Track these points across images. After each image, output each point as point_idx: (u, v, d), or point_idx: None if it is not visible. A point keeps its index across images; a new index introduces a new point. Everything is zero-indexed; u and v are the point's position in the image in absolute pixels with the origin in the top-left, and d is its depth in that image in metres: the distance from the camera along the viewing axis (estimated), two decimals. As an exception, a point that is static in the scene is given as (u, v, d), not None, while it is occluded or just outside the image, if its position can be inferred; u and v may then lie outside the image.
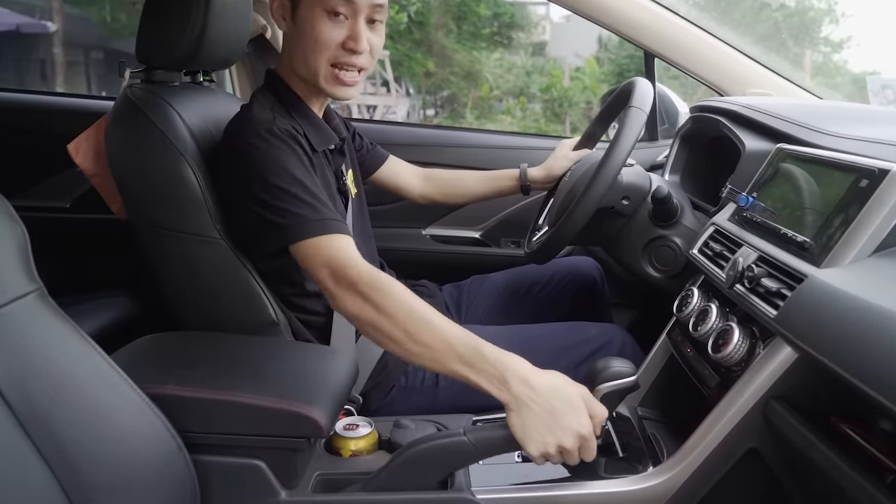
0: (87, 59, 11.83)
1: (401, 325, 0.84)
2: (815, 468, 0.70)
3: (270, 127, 0.99)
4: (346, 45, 1.02)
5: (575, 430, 0.79)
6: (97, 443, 0.73)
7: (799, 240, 0.80)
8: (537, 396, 0.79)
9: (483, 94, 10.78)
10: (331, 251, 0.92)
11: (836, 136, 0.94)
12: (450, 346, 0.82)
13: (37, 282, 0.74)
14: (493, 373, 0.81)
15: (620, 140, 1.05)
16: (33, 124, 1.73)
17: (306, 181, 0.97)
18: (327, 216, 0.95)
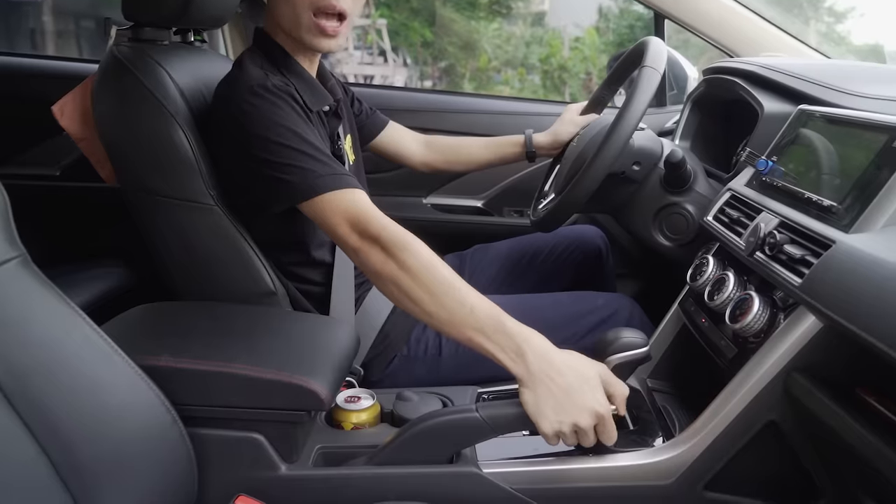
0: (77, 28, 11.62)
1: (423, 284, 0.82)
2: (839, 441, 0.67)
3: (264, 83, 0.94)
4: None
5: (591, 408, 0.76)
6: (87, 416, 0.69)
7: (825, 204, 0.76)
8: (553, 373, 0.77)
9: (481, 64, 10.62)
10: (350, 205, 0.88)
11: (861, 95, 0.89)
12: (470, 312, 0.80)
13: (19, 248, 0.70)
14: (510, 345, 0.79)
15: (633, 101, 1.00)
16: (19, 88, 1.66)
17: (310, 137, 0.93)
18: (339, 171, 0.91)
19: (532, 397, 0.77)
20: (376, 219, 0.87)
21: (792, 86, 1.02)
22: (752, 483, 0.82)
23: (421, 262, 0.83)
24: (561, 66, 9.74)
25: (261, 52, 1.04)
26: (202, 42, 1.26)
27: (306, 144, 0.91)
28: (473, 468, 0.83)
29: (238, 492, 0.81)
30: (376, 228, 0.85)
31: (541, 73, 9.96)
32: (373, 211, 0.88)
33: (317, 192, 0.89)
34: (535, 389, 0.77)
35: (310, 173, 0.90)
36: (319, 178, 0.90)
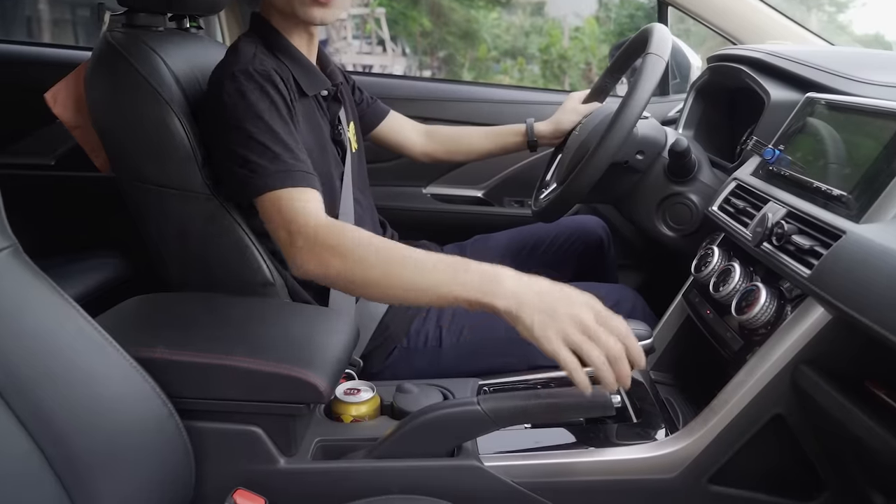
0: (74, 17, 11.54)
1: (375, 268, 0.78)
2: (847, 435, 0.66)
3: (246, 68, 0.93)
4: None
5: (584, 302, 0.71)
6: (80, 408, 0.68)
7: (834, 194, 0.74)
8: (535, 288, 0.72)
9: (480, 54, 10.57)
10: (290, 204, 0.86)
11: (869, 83, 0.88)
12: (433, 269, 0.76)
13: (10, 238, 0.68)
14: (481, 280, 0.73)
15: (637, 89, 0.99)
16: (13, 75, 1.64)
17: (277, 128, 0.90)
18: (292, 167, 0.88)
19: (527, 320, 0.70)
20: (310, 222, 0.83)
21: (799, 73, 1.00)
22: (756, 476, 0.81)
23: (363, 249, 0.79)
24: (561, 55, 9.70)
25: (257, 35, 1.03)
26: (198, 28, 1.24)
27: (271, 137, 0.89)
28: (475, 461, 0.82)
29: (236, 485, 0.80)
30: (309, 231, 0.82)
31: (540, 63, 9.92)
32: (310, 213, 0.85)
33: (262, 190, 0.88)
34: (525, 311, 0.71)
35: (262, 169, 0.88)
36: (269, 175, 0.88)
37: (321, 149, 1.05)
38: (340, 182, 1.09)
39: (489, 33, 10.63)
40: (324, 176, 1.05)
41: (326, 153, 1.06)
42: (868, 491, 0.71)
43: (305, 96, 1.02)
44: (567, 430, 0.89)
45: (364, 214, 1.17)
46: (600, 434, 0.89)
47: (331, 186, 1.07)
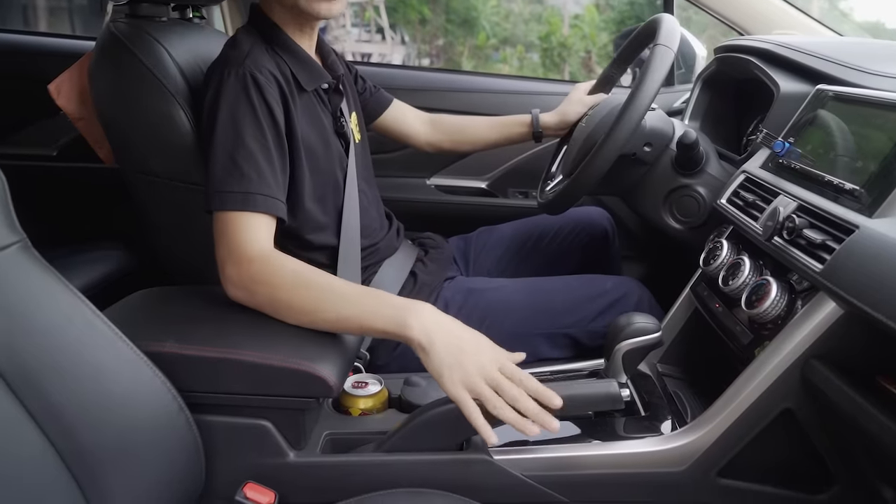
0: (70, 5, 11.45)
1: (296, 307, 0.83)
2: (858, 430, 0.66)
3: (237, 69, 0.91)
4: None
5: (489, 351, 0.76)
6: (92, 404, 0.68)
7: (847, 188, 0.74)
8: (446, 331, 0.78)
9: (479, 42, 10.50)
10: (235, 231, 0.86)
11: (881, 75, 0.87)
12: (356, 303, 0.82)
13: (19, 232, 0.68)
14: (396, 314, 0.79)
15: (646, 80, 0.98)
16: (15, 66, 1.62)
17: (249, 140, 0.89)
18: (254, 189, 0.87)
19: (432, 358, 0.76)
20: (248, 248, 0.85)
21: (809, 65, 0.99)
22: (765, 470, 0.82)
23: (291, 287, 0.83)
24: (561, 43, 9.64)
25: (255, 30, 1.01)
26: (201, 19, 1.23)
27: (242, 151, 0.88)
28: (484, 455, 0.82)
29: (246, 479, 0.80)
30: (242, 263, 0.84)
31: (540, 52, 9.86)
32: (254, 244, 0.86)
33: (214, 207, 0.88)
34: (432, 350, 0.76)
35: (221, 186, 0.87)
36: (226, 195, 0.87)
37: (324, 143, 1.04)
38: (344, 175, 1.09)
39: (488, 21, 10.56)
40: (328, 171, 1.05)
41: (330, 147, 1.05)
42: (878, 485, 0.72)
43: (305, 91, 1.01)
44: (575, 424, 0.89)
45: (370, 206, 1.16)
46: (609, 427, 0.89)
47: (335, 180, 1.06)
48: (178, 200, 1.02)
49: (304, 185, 0.99)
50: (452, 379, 0.75)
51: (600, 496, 0.84)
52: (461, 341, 0.77)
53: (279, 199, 0.91)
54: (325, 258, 1.08)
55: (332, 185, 1.06)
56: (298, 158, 0.97)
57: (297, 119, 0.97)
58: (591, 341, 1.12)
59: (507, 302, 1.14)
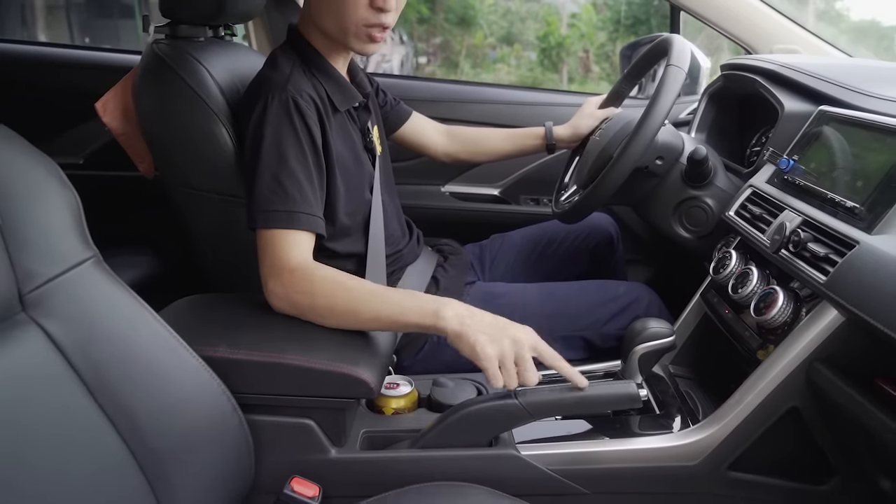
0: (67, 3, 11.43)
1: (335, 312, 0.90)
2: (858, 427, 0.72)
3: (280, 94, 0.97)
4: (374, 3, 0.98)
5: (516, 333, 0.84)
6: (159, 406, 0.74)
7: (848, 205, 0.81)
8: (477, 316, 0.86)
9: (477, 41, 10.54)
10: (277, 246, 0.93)
11: (881, 98, 0.93)
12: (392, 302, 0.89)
13: (92, 248, 0.74)
14: (430, 309, 0.86)
15: (660, 100, 1.04)
16: (43, 78, 1.68)
17: (293, 162, 0.95)
18: (297, 208, 0.94)
19: (467, 339, 0.83)
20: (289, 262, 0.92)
21: (812, 86, 1.06)
22: (772, 463, 0.89)
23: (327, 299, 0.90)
24: (559, 43, 9.69)
25: (294, 51, 1.06)
26: (231, 36, 1.29)
27: (285, 171, 0.94)
28: (512, 451, 0.89)
29: (292, 474, 0.87)
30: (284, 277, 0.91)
31: (538, 51, 9.91)
32: (296, 257, 0.92)
33: (257, 225, 0.94)
34: (464, 334, 0.83)
35: (266, 204, 0.93)
36: (269, 213, 0.93)
37: (356, 159, 1.09)
38: (371, 187, 1.14)
39: (486, 19, 10.60)
40: (358, 185, 1.10)
41: (360, 162, 1.10)
42: (877, 476, 0.78)
43: (339, 111, 1.06)
44: (595, 422, 0.96)
45: (392, 215, 1.22)
46: (626, 425, 0.96)
47: (362, 193, 1.11)
48: (218, 212, 1.07)
49: (338, 199, 1.04)
50: (485, 349, 0.82)
51: (618, 488, 0.91)
52: (496, 321, 0.85)
53: (319, 217, 0.97)
54: (353, 266, 1.14)
55: (361, 197, 1.12)
56: (333, 175, 1.03)
57: (333, 138, 1.02)
58: (604, 343, 1.18)
59: (525, 306, 1.20)
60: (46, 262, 0.68)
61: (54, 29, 10.58)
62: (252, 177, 0.95)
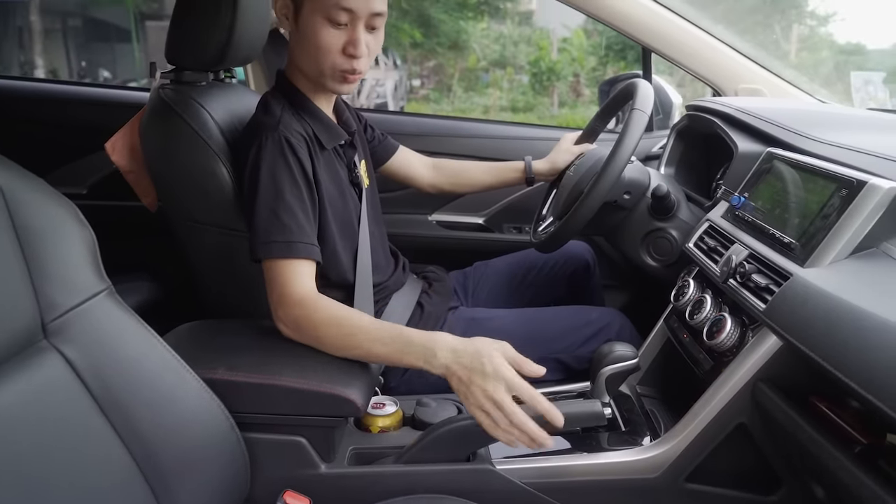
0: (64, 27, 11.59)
1: (336, 344, 0.98)
2: (795, 442, 0.81)
3: (272, 134, 1.05)
4: (346, 50, 1.06)
5: (492, 374, 0.87)
6: (166, 425, 0.82)
7: (785, 240, 0.90)
8: (461, 360, 0.90)
9: (470, 64, 10.74)
10: (282, 274, 1.01)
11: (821, 142, 1.03)
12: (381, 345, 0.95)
13: (106, 281, 0.82)
14: (420, 353, 0.92)
15: (625, 140, 1.14)
16: (50, 113, 1.77)
17: (289, 196, 1.03)
18: (295, 238, 1.02)
19: (454, 386, 0.90)
20: (294, 290, 0.99)
21: (762, 129, 1.16)
22: (725, 475, 0.97)
23: (329, 331, 0.98)
24: (549, 68, 9.89)
25: (282, 95, 1.15)
26: (231, 78, 1.38)
27: (283, 206, 1.02)
28: (488, 465, 0.97)
29: (284, 487, 0.94)
30: (291, 304, 0.99)
31: (529, 76, 10.10)
32: (300, 288, 1.00)
33: (261, 256, 1.02)
34: (452, 378, 0.89)
35: (266, 236, 1.01)
36: (271, 244, 1.01)
37: (341, 194, 1.17)
38: (358, 219, 1.22)
39: (478, 43, 10.81)
40: (345, 218, 1.18)
41: (346, 197, 1.18)
42: (814, 487, 0.87)
43: (325, 149, 1.14)
44: (566, 438, 1.04)
45: (377, 246, 1.29)
46: (595, 441, 1.04)
47: (350, 226, 1.19)
48: (217, 243, 1.15)
49: (327, 231, 1.12)
50: (468, 405, 0.89)
51: (588, 500, 0.99)
52: (473, 364, 0.88)
53: (316, 245, 1.05)
54: (342, 294, 1.21)
55: (348, 229, 1.20)
56: (323, 208, 1.11)
57: (321, 174, 1.11)
58: (579, 365, 1.26)
59: (503, 330, 1.28)
60: (67, 293, 0.76)
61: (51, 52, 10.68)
62: (251, 212, 1.03)
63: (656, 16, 1.58)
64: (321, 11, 1.04)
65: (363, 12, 1.04)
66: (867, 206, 0.80)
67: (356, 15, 1.04)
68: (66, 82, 2.67)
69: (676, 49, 1.60)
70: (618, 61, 9.56)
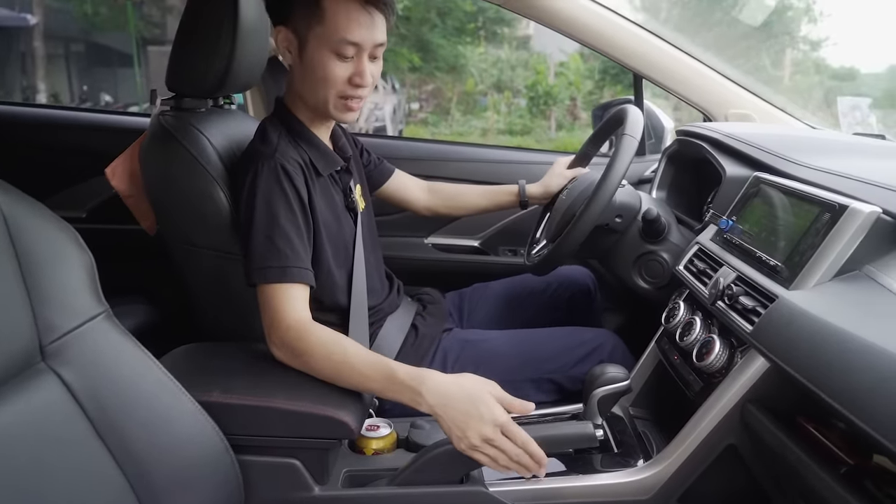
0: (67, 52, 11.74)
1: (324, 373, 0.99)
2: (783, 463, 0.82)
3: (269, 162, 1.07)
4: (352, 80, 1.10)
5: (489, 419, 0.89)
6: (160, 446, 0.82)
7: (772, 263, 0.91)
8: (450, 402, 0.91)
9: (468, 88, 10.86)
10: (276, 299, 1.02)
11: (806, 166, 1.05)
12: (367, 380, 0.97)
13: (104, 304, 0.83)
14: (408, 391, 0.93)
15: (615, 165, 1.16)
16: (51, 138, 1.80)
17: (284, 222, 1.05)
18: (290, 263, 1.04)
19: (445, 424, 0.90)
20: (289, 324, 1.01)
21: (750, 154, 1.18)
22: (716, 496, 0.97)
23: (320, 360, 0.99)
24: (546, 92, 10.01)
25: (280, 122, 1.17)
26: (230, 104, 1.41)
27: (278, 232, 1.04)
28: (481, 487, 0.97)
29: (278, 510, 0.94)
30: (283, 332, 1.00)
31: (527, 100, 10.21)
32: (292, 313, 1.01)
33: (255, 281, 1.03)
34: (443, 420, 0.91)
35: (261, 261, 1.03)
36: (266, 269, 1.03)
37: (337, 219, 1.19)
38: (353, 244, 1.23)
39: (476, 67, 10.95)
40: (340, 242, 1.20)
41: (341, 221, 1.20)
42: None
43: (320, 176, 1.16)
44: (559, 460, 1.04)
45: (373, 270, 1.31)
46: (587, 462, 1.04)
47: (346, 250, 1.21)
48: (214, 267, 1.17)
49: (323, 255, 1.14)
50: (461, 445, 0.90)
51: (580, 522, 0.99)
52: (466, 408, 0.90)
53: (310, 270, 1.07)
54: (337, 318, 1.22)
55: (343, 254, 1.21)
56: (319, 233, 1.13)
57: (317, 200, 1.13)
58: (573, 386, 1.27)
59: (497, 352, 1.30)
60: (65, 316, 0.77)
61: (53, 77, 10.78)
62: (247, 238, 1.05)
63: (647, 44, 1.61)
64: (328, 46, 1.07)
65: (368, 44, 1.08)
66: (849, 229, 0.82)
67: (361, 47, 1.08)
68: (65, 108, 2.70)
69: (667, 76, 1.63)
70: (614, 85, 9.67)
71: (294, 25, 1.09)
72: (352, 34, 1.06)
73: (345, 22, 1.06)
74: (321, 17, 1.06)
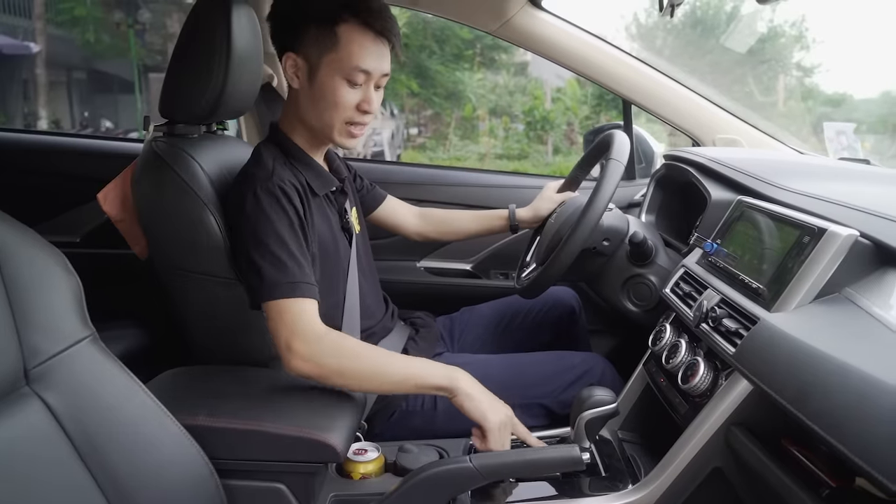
0: (69, 79, 11.90)
1: (359, 379, 1.04)
2: (766, 484, 0.81)
3: (267, 184, 1.09)
4: (360, 107, 1.14)
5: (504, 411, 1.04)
6: (143, 470, 0.82)
7: (754, 286, 0.92)
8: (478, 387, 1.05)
9: (466, 113, 10.98)
10: (292, 313, 1.03)
11: (788, 190, 1.07)
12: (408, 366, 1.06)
13: (90, 328, 0.84)
14: (445, 371, 1.04)
15: (602, 189, 1.18)
16: (46, 164, 1.82)
17: (289, 242, 1.06)
18: (298, 279, 1.05)
19: (473, 405, 1.02)
20: (310, 326, 1.03)
21: (734, 178, 1.20)
22: (704, 520, 0.97)
23: (364, 359, 1.04)
24: (543, 117, 10.11)
25: (275, 146, 1.19)
26: (223, 130, 1.43)
27: (282, 249, 1.05)
28: (468, 512, 0.96)
29: (263, 536, 0.94)
30: (311, 338, 1.02)
31: (524, 125, 10.32)
32: (318, 325, 1.03)
33: (266, 299, 1.04)
34: (472, 397, 1.02)
35: (270, 279, 1.04)
36: (275, 286, 1.03)
37: (333, 239, 1.21)
38: (348, 264, 1.25)
39: (474, 93, 11.08)
40: (336, 262, 1.21)
41: (337, 241, 1.22)
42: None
43: (317, 196, 1.19)
44: (548, 484, 1.04)
45: (368, 291, 1.32)
46: (576, 486, 1.04)
47: (340, 269, 1.23)
48: (205, 291, 1.17)
49: (318, 273, 1.15)
50: (495, 417, 1.02)
51: (568, 547, 0.98)
52: (490, 398, 1.05)
53: (316, 286, 1.08)
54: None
55: (339, 273, 1.23)
56: (314, 253, 1.14)
57: (313, 219, 1.15)
58: (562, 410, 1.27)
59: (487, 377, 1.28)
60: (50, 340, 0.78)
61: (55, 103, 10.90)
62: (251, 260, 1.06)
63: (635, 70, 1.65)
64: (340, 72, 1.11)
65: (377, 73, 1.14)
66: (828, 252, 0.83)
67: (371, 75, 1.13)
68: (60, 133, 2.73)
69: (655, 101, 1.66)
70: (610, 110, 9.79)
71: (305, 52, 1.13)
72: (364, 62, 1.10)
73: (358, 50, 1.10)
74: (335, 44, 1.10)
